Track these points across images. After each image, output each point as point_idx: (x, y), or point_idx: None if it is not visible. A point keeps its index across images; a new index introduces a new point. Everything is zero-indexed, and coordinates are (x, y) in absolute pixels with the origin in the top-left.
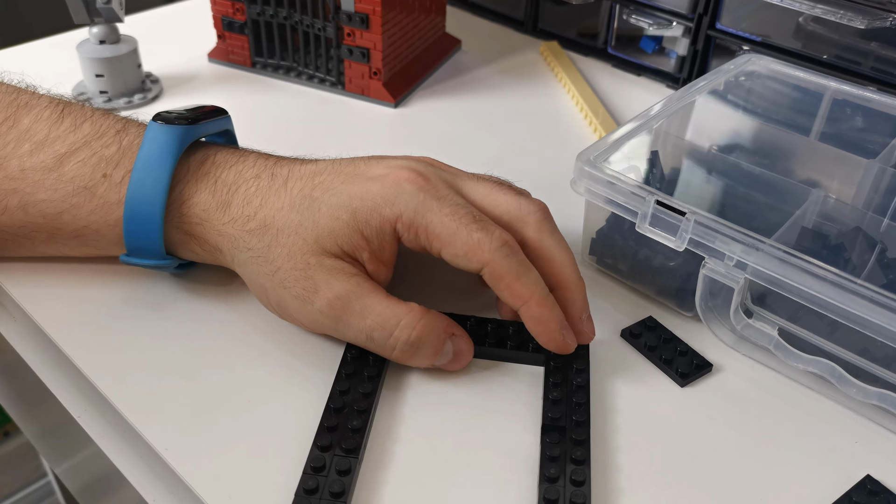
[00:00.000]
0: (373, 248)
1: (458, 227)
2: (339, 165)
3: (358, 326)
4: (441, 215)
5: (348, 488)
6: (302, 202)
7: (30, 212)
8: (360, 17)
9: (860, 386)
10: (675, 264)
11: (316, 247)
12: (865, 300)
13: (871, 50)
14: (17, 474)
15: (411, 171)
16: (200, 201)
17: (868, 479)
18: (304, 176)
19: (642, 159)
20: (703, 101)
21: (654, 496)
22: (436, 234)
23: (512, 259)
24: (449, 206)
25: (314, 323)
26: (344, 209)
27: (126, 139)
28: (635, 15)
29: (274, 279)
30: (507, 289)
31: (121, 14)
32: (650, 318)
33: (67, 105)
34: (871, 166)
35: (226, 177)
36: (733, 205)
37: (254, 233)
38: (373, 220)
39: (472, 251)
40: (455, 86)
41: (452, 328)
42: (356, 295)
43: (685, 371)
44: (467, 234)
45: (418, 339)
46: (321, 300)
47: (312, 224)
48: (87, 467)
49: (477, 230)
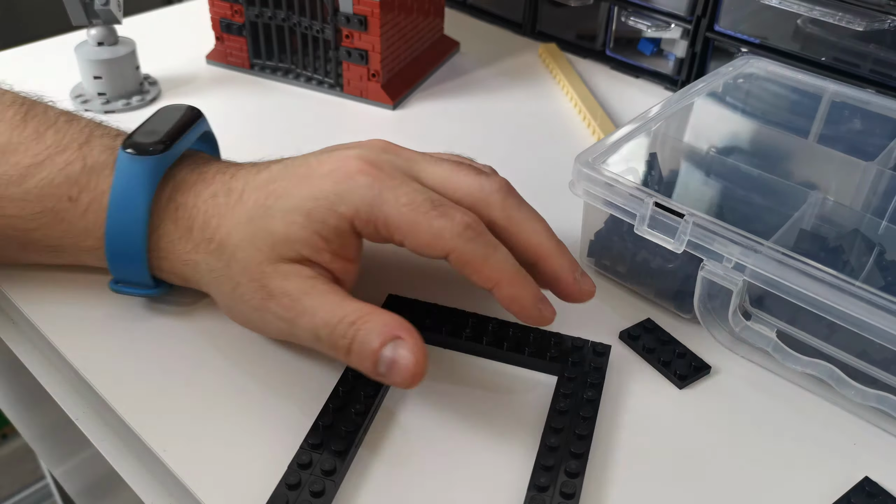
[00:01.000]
0: (333, 248)
1: (417, 216)
2: (291, 168)
3: (307, 326)
4: (398, 206)
5: (329, 489)
6: (256, 212)
7: (0, 224)
8: (358, 19)
9: (858, 388)
10: (673, 266)
11: (272, 254)
12: (864, 302)
13: (869, 52)
14: (16, 476)
15: (362, 161)
16: (164, 234)
17: (866, 481)
18: (258, 186)
19: (641, 161)
20: (702, 103)
21: (650, 498)
22: (395, 227)
23: (476, 242)
24: (406, 195)
25: (276, 330)
26: (297, 213)
27: (90, 157)
28: (633, 17)
29: (234, 295)
30: (475, 273)
31: (119, 16)
32: (648, 321)
33: (32, 106)
34: (869, 168)
35: (185, 200)
36: (732, 207)
37: (214, 253)
38: (329, 219)
39: (435, 241)
40: (453, 88)
41: (400, 331)
42: (309, 295)
43: (683, 373)
44: (427, 224)
45: (356, 338)
46: (277, 305)
47: (267, 233)
48: (86, 469)
49: (437, 217)
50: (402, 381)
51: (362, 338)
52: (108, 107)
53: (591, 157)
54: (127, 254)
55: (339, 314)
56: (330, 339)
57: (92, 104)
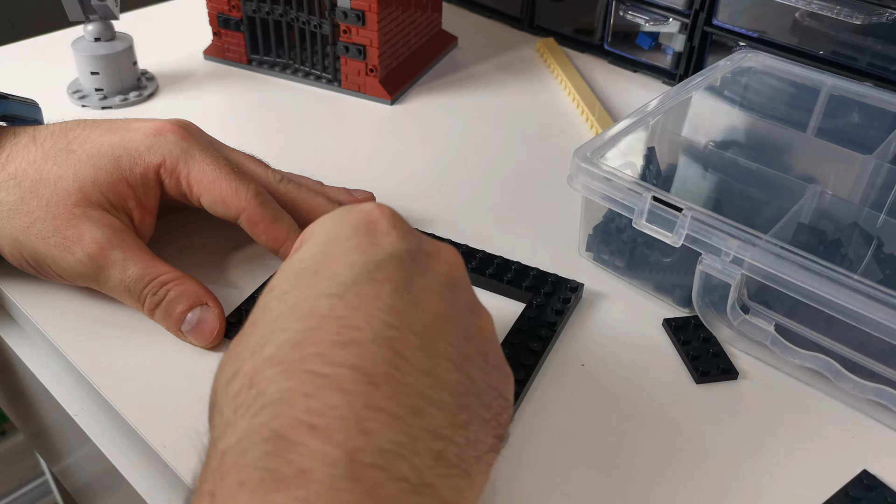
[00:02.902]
0: (138, 196)
1: (219, 175)
2: (93, 121)
3: (118, 277)
4: (203, 163)
5: None
6: (58, 155)
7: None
8: (356, 14)
9: (857, 381)
10: (671, 260)
11: (80, 197)
12: (862, 296)
13: (867, 45)
14: (15, 473)
15: (173, 123)
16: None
17: (865, 475)
18: (54, 132)
19: (639, 155)
20: (700, 98)
21: (647, 487)
22: (196, 181)
23: (267, 206)
24: (211, 156)
25: (74, 274)
26: (106, 158)
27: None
28: (632, 11)
29: (30, 231)
30: (264, 233)
31: (116, 11)
32: (695, 317)
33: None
34: (867, 162)
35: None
36: (730, 201)
37: (1, 186)
38: (136, 167)
39: (231, 198)
40: (451, 83)
41: (207, 298)
42: (120, 248)
43: (706, 370)
44: (226, 183)
45: (166, 297)
46: (82, 250)
47: (73, 175)
48: (85, 466)
49: (235, 180)
50: (203, 342)
51: (172, 297)
52: (105, 102)
53: (590, 152)
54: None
55: (152, 273)
56: (138, 294)
57: (89, 100)
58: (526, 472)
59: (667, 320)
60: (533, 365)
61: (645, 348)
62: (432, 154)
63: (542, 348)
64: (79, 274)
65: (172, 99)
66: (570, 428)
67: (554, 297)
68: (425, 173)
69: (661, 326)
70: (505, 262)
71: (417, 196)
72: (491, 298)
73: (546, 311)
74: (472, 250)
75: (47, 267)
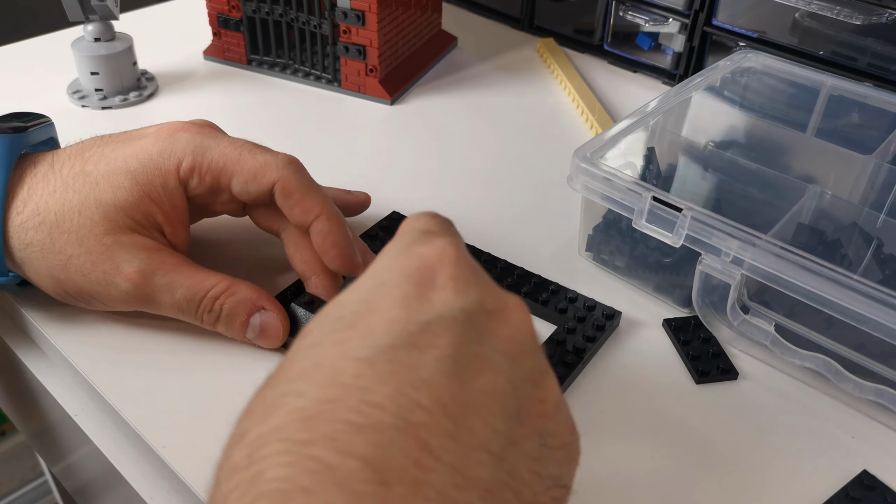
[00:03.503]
0: (165, 210)
1: (241, 152)
2: (107, 136)
3: (168, 301)
4: (221, 148)
5: None
6: (75, 180)
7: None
8: (356, 14)
9: (857, 381)
10: (671, 260)
11: (108, 226)
12: (862, 296)
13: (867, 46)
14: (15, 473)
15: (183, 122)
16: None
17: (864, 475)
18: (71, 155)
19: (639, 156)
20: (700, 98)
21: (647, 486)
22: (220, 167)
23: (302, 174)
24: (227, 139)
25: (122, 304)
26: (122, 175)
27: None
28: (631, 11)
29: (68, 269)
30: (297, 204)
31: (116, 11)
32: (696, 317)
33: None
34: (867, 162)
35: (13, 179)
36: (730, 201)
37: (27, 226)
38: (155, 178)
39: (261, 170)
40: (451, 83)
41: (263, 301)
42: (161, 271)
43: (706, 370)
44: (252, 157)
45: (221, 309)
46: (125, 281)
47: (95, 201)
48: (84, 466)
49: (260, 153)
50: (272, 345)
51: (228, 310)
52: (105, 102)
53: (590, 152)
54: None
55: (201, 289)
56: (193, 313)
57: (89, 100)
58: None
59: (667, 320)
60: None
61: (645, 348)
62: (432, 154)
63: (565, 374)
64: (126, 303)
65: (172, 99)
66: None
67: (585, 321)
68: (425, 173)
69: (661, 327)
70: (526, 274)
71: (417, 196)
72: None
73: (575, 335)
74: (494, 259)
75: (93, 300)
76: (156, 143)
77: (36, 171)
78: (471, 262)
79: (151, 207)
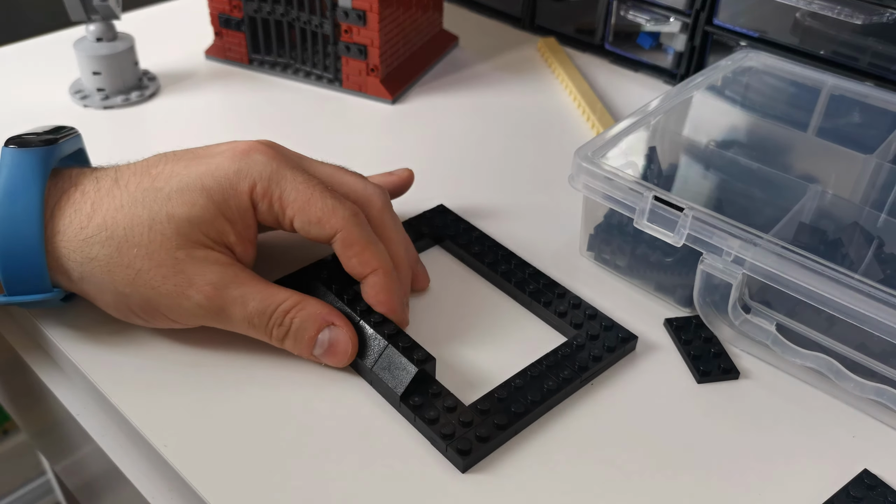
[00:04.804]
0: (238, 230)
1: (314, 193)
2: (174, 153)
3: (240, 315)
4: (295, 182)
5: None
6: (145, 196)
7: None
8: (357, 14)
9: (858, 381)
10: (673, 260)
11: (180, 240)
12: (863, 295)
13: (868, 45)
14: (17, 472)
15: (258, 142)
16: (49, 230)
17: (865, 474)
18: (136, 172)
19: (640, 155)
20: (701, 97)
21: (649, 487)
22: (290, 201)
23: (363, 228)
24: (302, 175)
25: (192, 318)
26: (197, 192)
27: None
28: (633, 11)
29: (136, 283)
30: (356, 256)
31: (117, 11)
32: (697, 317)
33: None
34: (868, 161)
35: (48, 197)
36: (731, 200)
37: (92, 241)
38: (231, 199)
39: (326, 217)
40: (452, 82)
41: (333, 318)
42: (234, 284)
43: (707, 369)
44: (322, 202)
45: (291, 323)
46: (198, 294)
47: (167, 216)
48: (87, 465)
49: (330, 198)
50: (338, 363)
51: (298, 325)
52: (106, 102)
53: (591, 151)
54: (22, 251)
55: (272, 304)
56: (264, 327)
57: (91, 100)
58: (524, 471)
59: (668, 320)
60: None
61: (646, 348)
62: (433, 153)
63: (556, 387)
64: (197, 317)
65: (174, 99)
66: (569, 427)
67: (597, 339)
68: (426, 173)
69: (662, 326)
70: (536, 273)
71: (418, 195)
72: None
73: (582, 352)
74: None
75: (159, 315)
76: (231, 162)
77: (100, 187)
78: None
79: (225, 226)
